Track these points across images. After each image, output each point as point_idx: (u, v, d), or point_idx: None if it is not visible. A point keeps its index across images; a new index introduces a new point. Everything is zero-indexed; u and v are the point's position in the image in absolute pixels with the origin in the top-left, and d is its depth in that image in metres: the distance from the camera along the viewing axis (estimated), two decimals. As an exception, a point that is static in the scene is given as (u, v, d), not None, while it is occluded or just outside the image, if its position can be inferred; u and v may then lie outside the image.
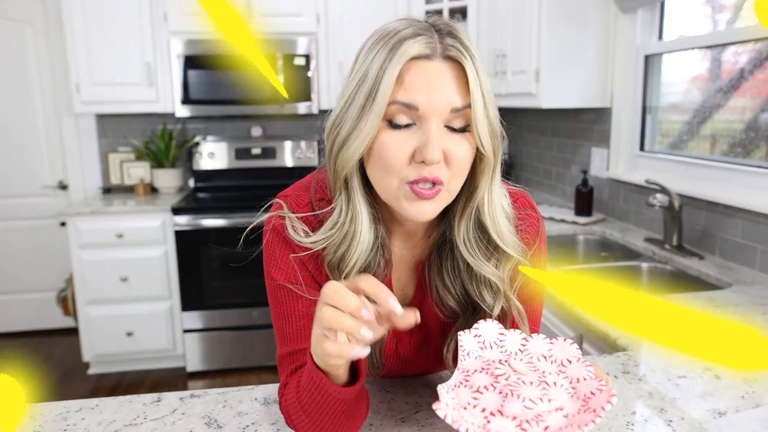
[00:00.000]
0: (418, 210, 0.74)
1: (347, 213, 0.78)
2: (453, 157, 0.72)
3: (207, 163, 3.46)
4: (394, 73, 0.69)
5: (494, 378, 0.70)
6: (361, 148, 0.73)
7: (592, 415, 0.62)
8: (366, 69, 0.72)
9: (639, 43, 2.32)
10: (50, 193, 3.59)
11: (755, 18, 1.74)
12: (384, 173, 0.74)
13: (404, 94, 0.70)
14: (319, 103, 3.26)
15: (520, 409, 0.65)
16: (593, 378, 0.69)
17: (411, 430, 0.86)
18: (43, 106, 3.51)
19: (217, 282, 3.06)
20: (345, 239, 0.78)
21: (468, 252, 0.80)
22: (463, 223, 0.80)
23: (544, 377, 0.70)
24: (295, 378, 0.78)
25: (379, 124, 0.71)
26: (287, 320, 0.82)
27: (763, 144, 1.81)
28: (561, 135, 2.93)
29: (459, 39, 0.72)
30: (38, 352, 3.48)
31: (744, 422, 0.90)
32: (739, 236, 1.78)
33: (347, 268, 0.79)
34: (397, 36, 0.71)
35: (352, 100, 0.73)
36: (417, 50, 0.70)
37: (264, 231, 0.85)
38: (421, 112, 0.71)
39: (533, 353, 0.74)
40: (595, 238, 2.32)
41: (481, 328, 0.76)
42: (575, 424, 0.62)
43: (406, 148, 0.72)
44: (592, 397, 0.66)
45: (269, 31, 3.13)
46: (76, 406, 0.94)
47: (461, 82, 0.71)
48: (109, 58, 3.06)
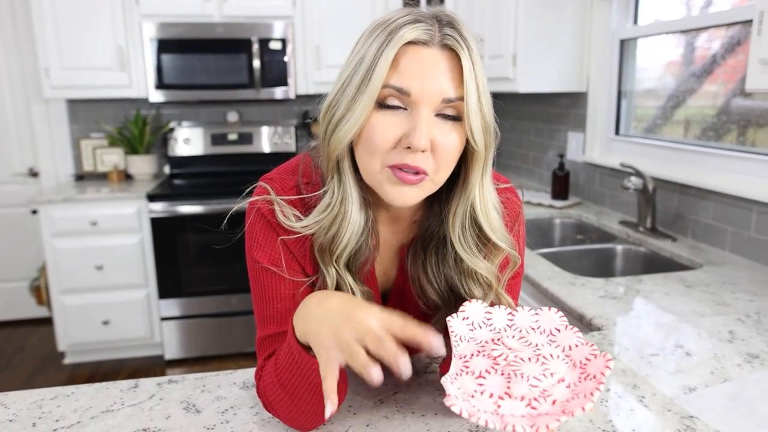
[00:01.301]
0: (400, 195, 0.74)
1: (338, 195, 0.78)
2: (440, 146, 0.72)
3: (182, 149, 3.41)
4: (389, 57, 0.70)
5: (493, 360, 0.70)
6: (353, 130, 0.73)
7: (594, 382, 0.64)
8: (364, 52, 0.72)
9: (614, 27, 2.34)
10: (20, 180, 3.51)
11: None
12: (368, 155, 0.74)
13: (398, 78, 0.70)
14: (296, 88, 3.23)
15: (527, 388, 0.66)
16: (584, 344, 0.70)
17: (390, 410, 0.87)
18: (11, 91, 3.42)
19: (195, 269, 3.03)
20: (336, 221, 0.78)
21: (463, 249, 0.81)
22: (458, 220, 0.80)
23: (538, 350, 0.71)
24: (272, 359, 0.78)
25: (371, 106, 0.71)
26: (269, 303, 0.82)
27: (734, 128, 1.85)
28: (538, 120, 2.95)
29: (458, 30, 0.72)
30: (11, 342, 3.42)
31: (713, 397, 0.92)
32: (711, 218, 1.82)
33: (338, 250, 0.79)
34: (396, 21, 0.71)
35: (348, 83, 0.73)
36: (414, 35, 0.70)
37: (247, 213, 0.84)
38: (413, 98, 0.71)
39: (521, 327, 0.75)
40: (572, 222, 2.34)
41: (467, 310, 0.76)
42: (581, 394, 0.63)
43: (394, 131, 0.72)
44: (589, 363, 0.67)
45: (245, 15, 3.09)
46: (51, 394, 0.93)
47: (456, 73, 0.71)
48: (79, 42, 2.99)
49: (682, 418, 0.86)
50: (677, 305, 1.33)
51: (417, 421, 0.84)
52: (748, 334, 1.17)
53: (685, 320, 1.25)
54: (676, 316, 1.27)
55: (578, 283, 1.50)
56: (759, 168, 1.71)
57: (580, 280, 1.52)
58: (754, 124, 1.77)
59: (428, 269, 0.85)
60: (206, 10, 3.05)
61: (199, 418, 0.86)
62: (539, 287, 1.52)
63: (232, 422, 0.84)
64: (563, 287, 1.47)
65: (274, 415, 0.81)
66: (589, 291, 1.43)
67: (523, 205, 0.94)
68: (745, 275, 1.55)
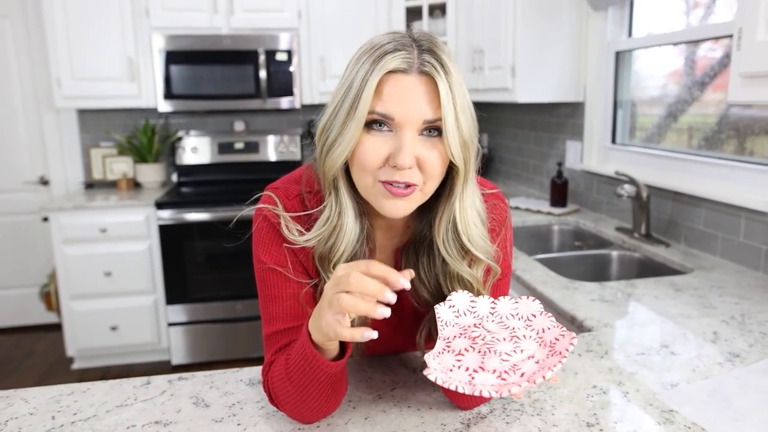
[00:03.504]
0: (393, 207, 0.81)
1: (336, 209, 0.85)
2: (425, 162, 0.79)
3: (190, 158, 3.49)
4: (372, 86, 0.76)
5: (472, 340, 0.78)
6: (344, 154, 0.79)
7: (558, 357, 0.71)
8: (352, 79, 0.78)
9: (610, 39, 2.40)
10: (31, 188, 3.59)
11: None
12: (361, 172, 0.80)
13: (381, 105, 0.77)
14: (302, 98, 3.30)
15: (498, 362, 0.73)
16: (556, 326, 0.78)
17: (387, 405, 0.92)
18: (23, 101, 3.51)
19: (201, 275, 3.09)
20: (333, 232, 0.85)
21: (446, 252, 0.87)
22: (442, 225, 0.86)
23: (514, 332, 0.79)
24: (283, 355, 0.84)
25: (360, 132, 0.78)
26: (275, 301, 0.88)
27: (733, 137, 1.89)
28: (538, 129, 3.01)
29: (436, 55, 0.78)
30: (21, 347, 3.49)
31: (693, 392, 0.98)
32: (702, 225, 1.87)
33: (335, 258, 0.85)
34: (380, 50, 0.77)
35: (339, 108, 0.80)
36: (394, 65, 0.76)
37: (254, 219, 0.91)
38: (396, 122, 0.77)
39: (502, 314, 0.82)
40: (570, 228, 2.40)
41: (454, 299, 0.83)
42: (546, 367, 0.70)
43: (382, 152, 0.78)
44: (557, 342, 0.75)
45: (252, 27, 3.17)
46: (68, 390, 0.99)
47: (434, 96, 0.77)
48: (90, 53, 3.07)
49: (663, 411, 0.91)
50: (666, 308, 1.39)
51: (413, 414, 0.90)
52: (732, 335, 1.22)
53: (672, 322, 1.30)
54: (664, 318, 1.32)
55: (572, 287, 1.55)
56: (748, 176, 1.76)
57: (575, 285, 1.57)
58: (752, 133, 1.82)
59: (420, 271, 0.91)
60: (214, 22, 3.13)
61: (208, 411, 0.91)
62: (534, 291, 1.57)
63: (239, 416, 0.90)
64: (557, 291, 1.52)
65: (279, 408, 0.86)
66: (583, 294, 1.49)
67: (523, 211, 1.00)
68: (733, 279, 1.60)
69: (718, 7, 1.95)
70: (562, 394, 0.96)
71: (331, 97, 0.83)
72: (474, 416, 0.89)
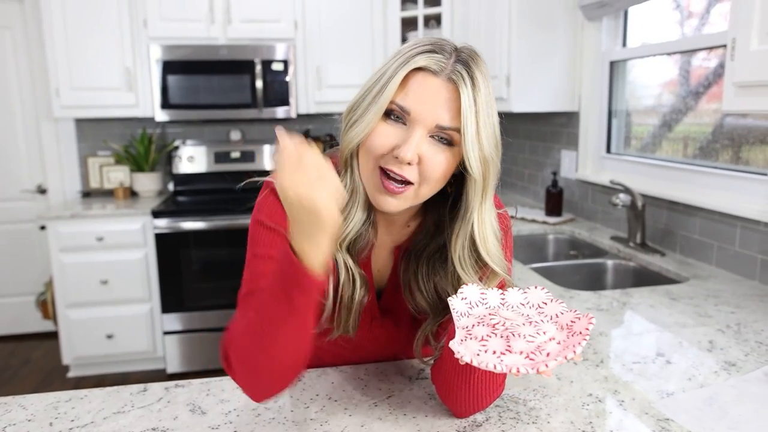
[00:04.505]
0: (385, 202, 0.84)
1: (350, 185, 0.88)
2: (427, 162, 0.81)
3: (186, 167, 3.49)
4: (399, 77, 0.79)
5: (492, 327, 0.79)
6: (360, 135, 0.83)
7: (580, 337, 0.73)
8: (386, 68, 0.82)
9: (604, 49, 2.43)
10: (29, 197, 3.59)
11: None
12: (366, 155, 0.83)
13: (403, 97, 0.80)
14: (297, 108, 3.32)
15: (524, 344, 0.75)
16: (569, 311, 0.79)
17: (383, 412, 0.92)
18: (22, 111, 3.52)
19: (197, 284, 3.09)
20: (345, 207, 0.87)
21: (462, 269, 0.88)
22: (459, 242, 0.87)
23: (529, 318, 0.80)
24: (254, 296, 0.80)
25: (379, 117, 0.81)
26: (264, 260, 0.84)
27: (728, 146, 1.91)
28: (533, 138, 3.02)
29: (470, 68, 0.80)
30: (17, 356, 3.47)
31: (688, 401, 0.98)
32: (698, 234, 1.88)
33: (343, 233, 0.88)
34: (419, 47, 0.81)
35: (368, 92, 0.83)
36: (425, 63, 0.79)
37: (262, 189, 0.92)
38: (412, 117, 0.80)
39: (513, 303, 0.84)
40: (565, 237, 2.41)
41: (465, 292, 0.84)
42: (569, 346, 0.72)
43: (390, 140, 0.81)
44: (573, 324, 0.77)
45: (248, 37, 3.19)
46: (66, 397, 0.99)
47: (457, 105, 0.79)
48: (88, 63, 3.08)
49: (658, 420, 0.91)
50: (661, 317, 1.39)
51: (408, 422, 0.90)
52: (728, 344, 1.23)
53: (668, 331, 1.30)
54: (659, 327, 1.33)
55: (567, 296, 1.56)
56: (743, 185, 1.78)
57: (570, 293, 1.57)
58: (747, 143, 1.83)
59: (419, 277, 0.93)
60: (211, 33, 3.15)
61: (205, 419, 0.91)
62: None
63: (235, 423, 0.90)
64: (553, 300, 1.52)
65: (233, 370, 0.80)
66: (578, 303, 1.49)
67: (518, 221, 1.02)
68: (728, 288, 1.61)
69: (712, 17, 1.97)
70: (557, 402, 0.97)
71: (365, 82, 0.86)
72: (470, 424, 0.89)
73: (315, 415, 0.92)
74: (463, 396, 0.86)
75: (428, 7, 3.13)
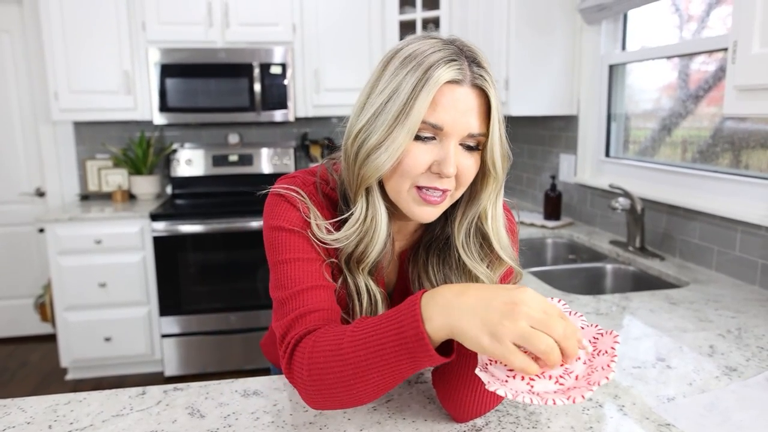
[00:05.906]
0: (424, 212, 0.84)
1: (370, 212, 0.86)
2: (462, 171, 0.82)
3: (184, 170, 3.49)
4: (428, 97, 0.76)
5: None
6: (391, 160, 0.79)
7: (608, 356, 0.70)
8: (397, 85, 0.78)
9: (603, 53, 2.43)
10: (27, 200, 3.58)
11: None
12: (399, 178, 0.82)
13: (433, 115, 0.78)
14: (295, 111, 3.31)
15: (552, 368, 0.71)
16: (590, 325, 0.77)
17: (382, 416, 0.92)
18: (20, 114, 3.51)
19: (195, 287, 3.08)
20: (366, 235, 0.86)
21: (465, 253, 0.89)
22: (463, 227, 0.89)
23: None
24: (348, 331, 0.74)
25: (410, 139, 0.79)
26: (295, 263, 0.84)
27: (728, 150, 1.91)
28: (532, 142, 3.02)
29: (484, 68, 0.80)
30: (15, 358, 3.46)
31: (689, 406, 0.98)
32: (698, 238, 1.88)
33: (366, 260, 0.87)
34: (429, 57, 0.77)
35: (381, 112, 0.79)
36: (450, 76, 0.77)
37: (269, 196, 0.90)
38: (444, 132, 0.79)
39: None
40: (563, 241, 2.40)
41: None
42: (598, 367, 0.69)
43: (426, 159, 0.80)
44: (597, 341, 0.74)
45: (246, 41, 3.19)
46: (65, 399, 0.98)
47: (482, 110, 0.80)
48: (87, 66, 3.08)
49: (659, 425, 0.91)
50: (661, 321, 1.39)
51: (407, 426, 0.89)
52: (728, 349, 1.22)
53: (668, 335, 1.30)
54: (659, 332, 1.32)
55: (566, 300, 1.55)
56: (743, 189, 1.77)
57: (569, 298, 1.57)
58: (747, 147, 1.83)
59: (429, 269, 0.93)
60: (209, 36, 3.15)
61: (204, 422, 0.91)
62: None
63: (234, 426, 0.89)
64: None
65: (301, 381, 0.77)
66: (577, 308, 1.49)
67: (517, 224, 1.03)
68: (729, 293, 1.61)
69: (711, 21, 1.98)
70: (557, 406, 0.96)
71: (363, 101, 0.83)
72: (469, 428, 0.89)
73: (314, 419, 0.91)
74: (466, 401, 0.85)
75: (426, 11, 3.13)
